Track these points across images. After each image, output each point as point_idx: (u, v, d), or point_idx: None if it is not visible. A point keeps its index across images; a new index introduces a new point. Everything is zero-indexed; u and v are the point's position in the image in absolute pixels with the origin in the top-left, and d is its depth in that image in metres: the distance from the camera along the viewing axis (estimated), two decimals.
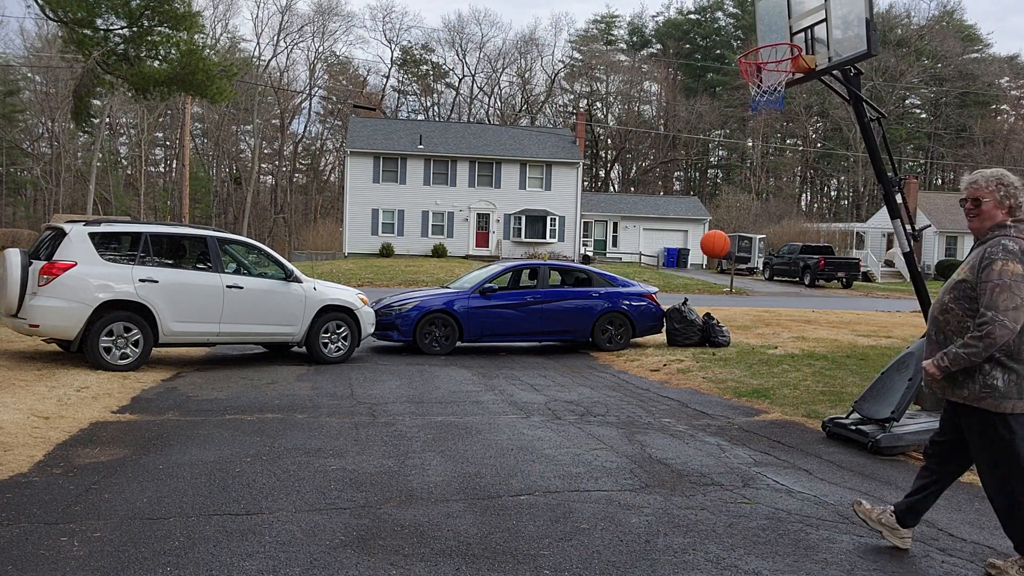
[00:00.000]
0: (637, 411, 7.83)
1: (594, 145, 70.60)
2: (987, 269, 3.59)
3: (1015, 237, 3.65)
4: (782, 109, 7.90)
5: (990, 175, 3.78)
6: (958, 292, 3.73)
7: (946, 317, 3.77)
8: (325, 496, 4.72)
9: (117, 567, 3.59)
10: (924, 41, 69.91)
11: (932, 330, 3.87)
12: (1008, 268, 3.54)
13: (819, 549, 4.13)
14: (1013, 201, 3.74)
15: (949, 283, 3.82)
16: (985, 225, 3.76)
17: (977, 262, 3.66)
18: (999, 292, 3.52)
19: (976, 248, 3.79)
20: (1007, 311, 3.50)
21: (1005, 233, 3.68)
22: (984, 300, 3.56)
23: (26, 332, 8.90)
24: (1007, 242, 3.63)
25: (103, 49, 18.64)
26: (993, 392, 3.62)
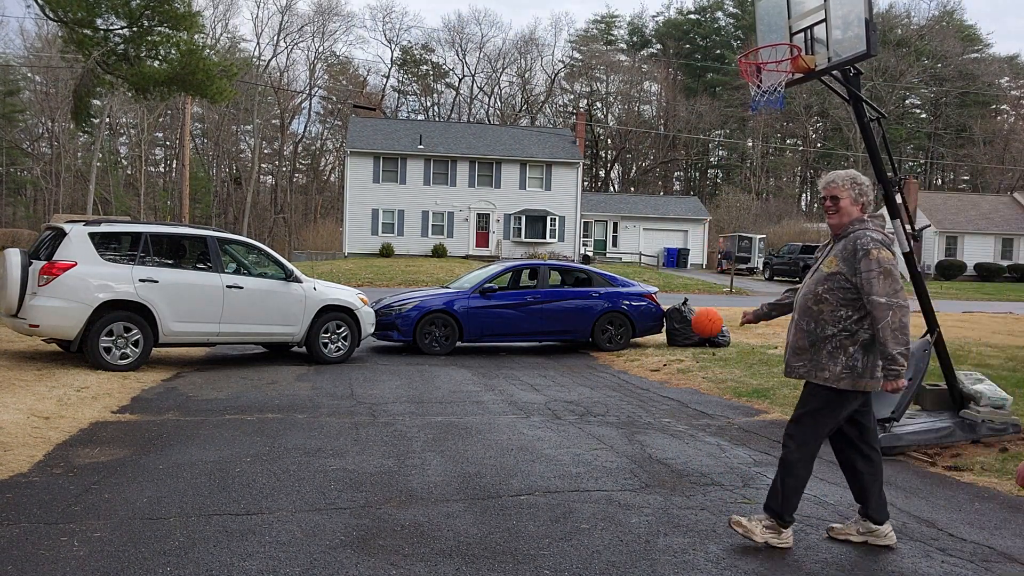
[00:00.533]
0: (637, 411, 7.83)
1: (594, 145, 70.60)
2: (864, 259, 3.84)
3: (875, 229, 3.97)
4: (782, 109, 7.90)
5: (845, 175, 4.07)
6: (833, 283, 3.95)
7: (820, 307, 3.99)
8: (325, 496, 4.72)
9: (117, 567, 3.59)
10: (924, 41, 69.91)
11: (803, 320, 4.06)
12: (883, 255, 3.84)
13: (819, 549, 4.13)
14: (866, 199, 4.07)
15: (819, 275, 4.04)
16: (844, 221, 4.04)
17: (849, 254, 3.91)
18: (884, 278, 3.80)
19: (837, 242, 4.05)
20: (896, 293, 3.80)
21: (866, 226, 3.98)
22: (873, 288, 3.81)
23: (26, 332, 8.90)
24: (872, 233, 3.93)
25: (103, 49, 18.64)
26: (852, 372, 3.93)
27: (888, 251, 3.88)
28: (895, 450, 6.20)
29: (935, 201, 48.10)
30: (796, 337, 4.12)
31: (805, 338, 4.05)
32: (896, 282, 3.83)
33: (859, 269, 3.85)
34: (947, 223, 45.67)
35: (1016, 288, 39.20)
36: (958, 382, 6.79)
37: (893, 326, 3.78)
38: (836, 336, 3.95)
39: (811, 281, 4.10)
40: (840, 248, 3.99)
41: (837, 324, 3.95)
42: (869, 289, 3.82)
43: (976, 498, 5.13)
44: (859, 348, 3.93)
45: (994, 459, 6.01)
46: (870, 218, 4.04)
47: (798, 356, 4.10)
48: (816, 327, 4.01)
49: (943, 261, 44.83)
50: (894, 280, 3.83)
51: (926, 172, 71.39)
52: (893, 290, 3.80)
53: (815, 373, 4.00)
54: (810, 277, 4.14)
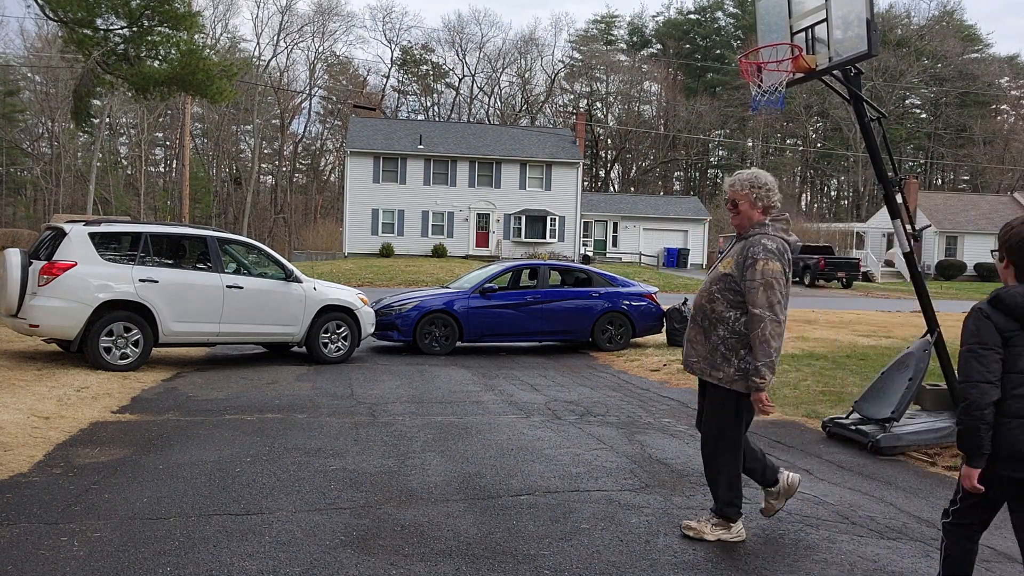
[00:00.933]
0: (637, 411, 7.83)
1: (594, 145, 70.59)
2: (751, 268, 3.84)
3: (773, 236, 3.94)
4: (782, 109, 7.90)
5: (744, 178, 4.04)
6: (723, 284, 3.97)
7: (713, 306, 4.00)
8: (325, 496, 4.72)
9: (117, 567, 3.59)
10: (924, 41, 69.90)
11: (699, 317, 4.09)
12: (769, 267, 3.83)
13: (819, 549, 4.13)
14: (766, 201, 4.02)
15: (716, 274, 4.05)
16: (744, 223, 4.04)
17: (741, 260, 3.91)
18: (763, 290, 3.81)
19: (738, 243, 4.05)
20: (774, 306, 3.80)
21: (764, 232, 3.95)
22: (753, 299, 3.82)
23: (26, 332, 8.90)
24: (767, 241, 3.90)
25: (103, 49, 18.63)
26: (744, 376, 3.90)
27: (778, 263, 3.86)
28: (895, 450, 6.21)
29: (935, 201, 48.11)
30: (693, 333, 4.13)
31: (700, 335, 4.06)
32: (776, 295, 3.82)
33: (745, 277, 3.86)
34: (947, 223, 45.67)
35: None
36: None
37: (761, 338, 3.79)
38: (727, 338, 3.94)
39: (708, 279, 4.12)
40: (738, 250, 3.99)
41: (727, 325, 3.95)
42: (751, 298, 3.84)
43: None
44: (749, 351, 3.91)
45: None
46: (772, 221, 4.02)
47: (695, 352, 4.10)
48: (709, 325, 4.02)
49: (943, 261, 44.83)
50: (775, 293, 3.81)
51: (926, 172, 71.38)
52: (770, 303, 3.79)
53: (710, 372, 4.01)
54: (709, 275, 4.14)
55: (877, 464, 5.96)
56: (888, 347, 12.34)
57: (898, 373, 6.54)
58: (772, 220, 4.03)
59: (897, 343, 12.83)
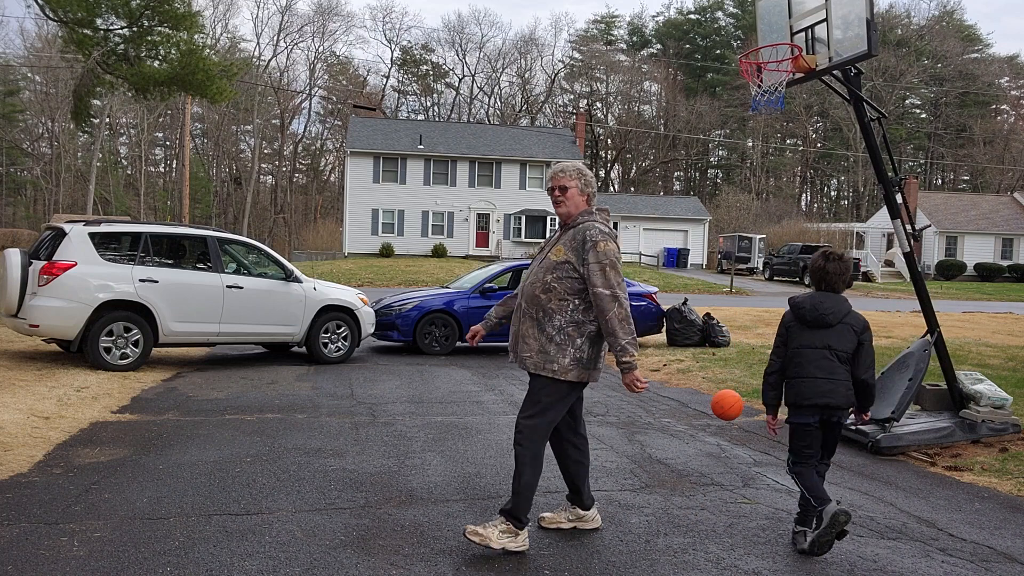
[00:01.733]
0: (637, 411, 7.83)
1: (594, 145, 70.59)
2: (592, 251, 3.84)
3: (602, 222, 4.02)
4: (782, 109, 7.89)
5: (572, 166, 4.09)
6: (561, 272, 3.90)
7: (548, 296, 3.92)
8: (325, 496, 4.72)
9: (117, 567, 3.59)
10: (924, 41, 69.92)
11: (532, 309, 3.97)
12: (610, 247, 3.87)
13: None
14: (591, 190, 4.10)
15: (547, 263, 3.97)
16: (572, 211, 4.04)
17: (578, 244, 3.90)
18: (608, 270, 3.82)
19: (566, 232, 4.03)
20: (619, 285, 3.83)
21: (593, 219, 4.00)
22: (595, 280, 3.81)
23: (26, 332, 8.90)
24: (600, 225, 3.96)
25: (103, 49, 18.61)
26: (579, 364, 3.90)
27: (614, 244, 3.90)
28: (895, 450, 6.21)
29: (935, 201, 48.09)
30: (524, 327, 4.01)
31: (534, 327, 3.96)
32: (618, 276, 3.85)
33: (587, 260, 3.84)
34: (947, 223, 45.66)
35: (1016, 288, 39.20)
36: (958, 382, 6.79)
37: (620, 316, 3.78)
38: (564, 327, 3.89)
39: (539, 269, 4.01)
40: (569, 237, 3.95)
41: (565, 314, 3.89)
42: (595, 281, 3.80)
43: (976, 498, 5.13)
44: (586, 340, 3.90)
45: (994, 459, 6.01)
46: (598, 211, 4.10)
47: (527, 347, 3.97)
48: (544, 316, 3.93)
49: (943, 261, 44.82)
50: (618, 273, 3.85)
51: (926, 172, 71.39)
52: (617, 282, 3.82)
53: (544, 365, 3.90)
54: (538, 265, 4.05)
55: (877, 464, 5.95)
56: (888, 347, 12.34)
57: (898, 373, 6.54)
58: (598, 210, 4.12)
59: (897, 343, 12.83)
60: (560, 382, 3.89)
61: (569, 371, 3.88)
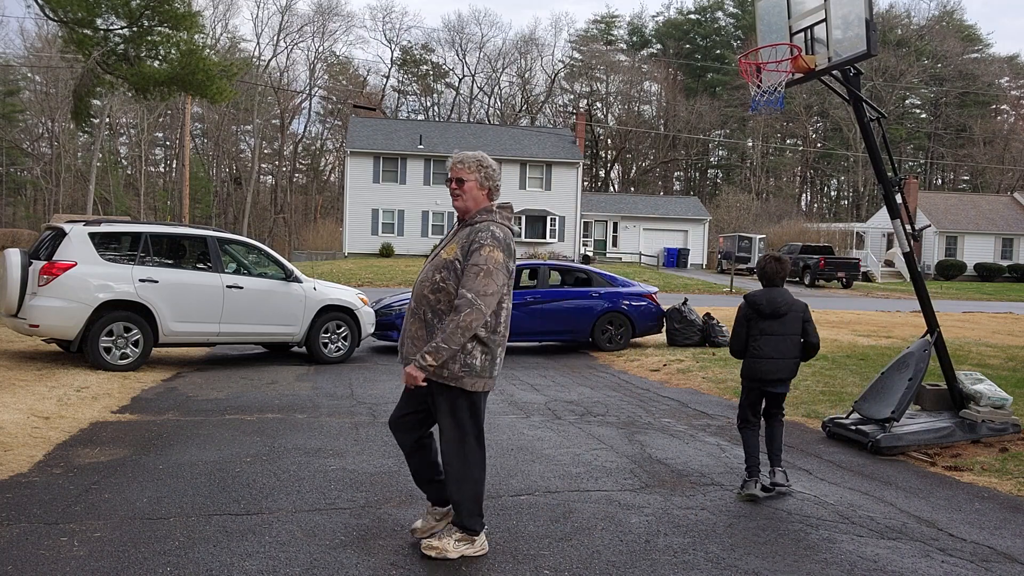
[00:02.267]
0: (637, 411, 7.83)
1: (594, 145, 70.59)
2: (475, 253, 3.61)
3: (500, 224, 3.75)
4: (782, 109, 7.89)
5: (471, 156, 3.82)
6: (449, 271, 3.69)
7: (437, 296, 3.70)
8: (325, 496, 4.72)
9: (117, 567, 3.59)
10: (924, 41, 69.93)
11: (421, 309, 3.76)
12: (493, 255, 3.61)
13: (819, 549, 4.13)
14: (492, 184, 3.83)
15: (439, 261, 3.75)
16: (470, 206, 3.80)
17: (467, 244, 3.67)
18: (482, 277, 3.57)
19: (463, 228, 3.80)
20: (485, 296, 3.56)
21: (492, 219, 3.75)
22: (466, 282, 3.58)
23: (26, 332, 8.90)
24: (495, 228, 3.70)
25: (103, 49, 18.60)
26: (471, 371, 3.68)
27: (502, 253, 3.64)
28: (895, 450, 6.21)
29: (935, 201, 48.09)
30: (414, 328, 3.77)
31: (423, 329, 3.72)
32: (492, 286, 3.59)
33: (469, 260, 3.62)
34: (947, 223, 45.66)
35: (1016, 288, 39.21)
36: (958, 382, 6.79)
37: (463, 324, 3.54)
38: None
39: (430, 267, 3.79)
40: (464, 235, 3.73)
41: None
42: (464, 282, 3.59)
43: (976, 498, 5.13)
44: (477, 345, 3.67)
45: (994, 459, 6.02)
46: (499, 209, 3.83)
47: (415, 349, 3.74)
48: (434, 317, 3.70)
49: (943, 261, 44.82)
50: (492, 282, 3.59)
51: (926, 172, 71.39)
52: (484, 292, 3.56)
53: (434, 369, 3.65)
54: (429, 263, 3.84)
55: (877, 464, 5.96)
56: (888, 347, 12.34)
57: (898, 373, 6.54)
58: (499, 207, 3.83)
59: (897, 343, 12.83)
60: (453, 389, 3.71)
61: (460, 377, 3.67)
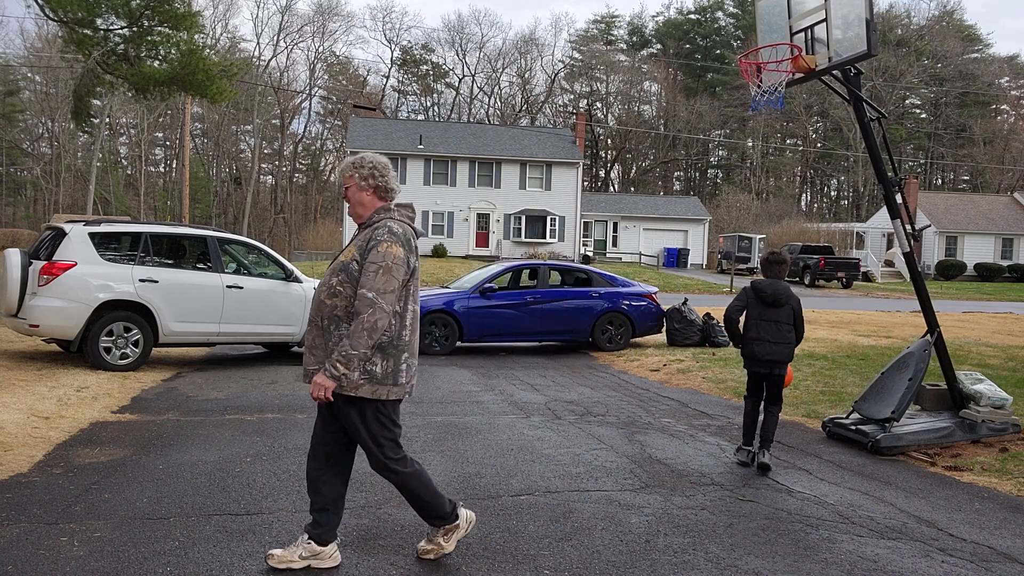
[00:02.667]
0: (637, 411, 7.83)
1: (594, 145, 70.59)
2: (373, 250, 3.46)
3: (399, 220, 3.62)
4: (782, 109, 7.89)
5: (348, 161, 3.69)
6: (347, 275, 3.52)
7: (334, 301, 3.53)
8: None
9: (117, 567, 3.59)
10: (924, 41, 69.93)
11: (319, 316, 3.57)
12: (392, 251, 3.46)
13: (819, 549, 4.13)
14: (377, 182, 3.65)
15: (336, 265, 3.60)
16: (360, 211, 3.66)
17: (365, 243, 3.53)
18: (381, 274, 3.41)
19: (362, 231, 3.65)
20: (385, 293, 3.40)
21: (390, 216, 3.62)
22: (365, 281, 3.41)
23: (26, 332, 8.90)
24: (392, 224, 3.56)
25: (103, 49, 18.61)
26: (371, 379, 3.49)
27: (401, 249, 3.48)
28: (895, 450, 6.21)
29: (935, 201, 48.10)
30: (312, 336, 3.59)
31: (321, 337, 3.54)
32: (392, 283, 3.43)
33: (366, 258, 3.46)
34: (947, 223, 45.66)
35: (1016, 288, 39.21)
36: (958, 382, 6.79)
37: (367, 325, 3.36)
38: None
39: (328, 272, 3.64)
40: (363, 237, 3.59)
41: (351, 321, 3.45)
42: (363, 280, 3.41)
43: (976, 498, 5.13)
44: (377, 351, 3.49)
45: (994, 459, 6.02)
46: (398, 207, 3.67)
47: (314, 358, 3.55)
48: (330, 324, 3.51)
49: (943, 261, 44.82)
50: (391, 279, 3.42)
51: (926, 172, 71.39)
52: (384, 289, 3.40)
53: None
54: (329, 267, 3.66)
55: (877, 464, 5.96)
56: (888, 347, 12.34)
57: (898, 373, 6.54)
58: (398, 206, 3.68)
59: (897, 343, 12.83)
60: (352, 398, 3.49)
61: (360, 386, 3.47)
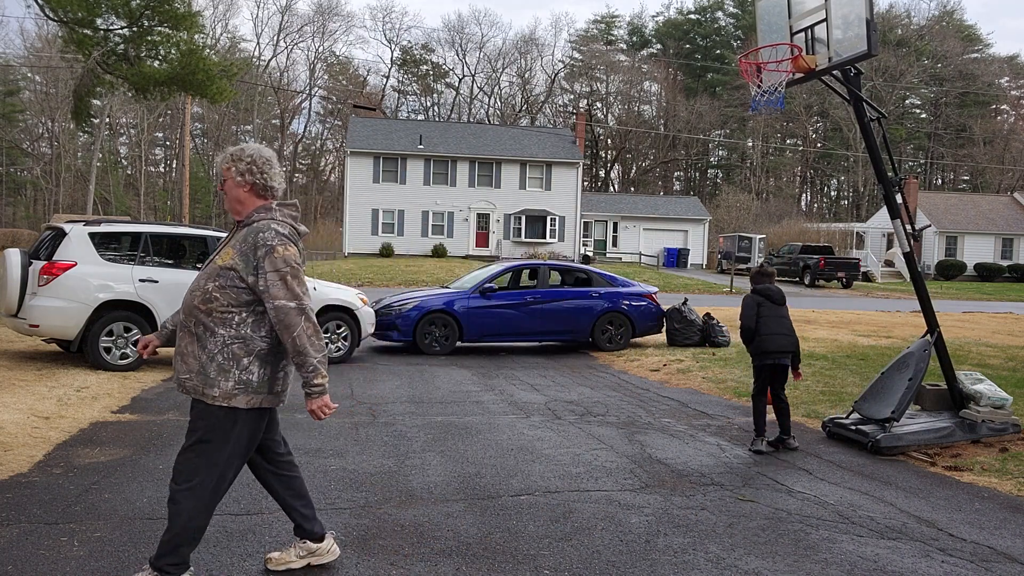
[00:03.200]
0: (637, 411, 7.83)
1: (594, 145, 70.60)
2: (268, 258, 3.23)
3: (282, 221, 3.38)
4: (782, 109, 7.90)
5: (230, 152, 3.45)
6: (225, 280, 3.28)
7: (209, 307, 3.29)
8: (325, 496, 4.72)
9: (117, 567, 3.59)
10: (924, 41, 69.95)
11: (191, 321, 3.34)
12: (289, 253, 3.27)
13: (819, 549, 4.13)
14: (257, 179, 3.41)
15: (211, 269, 3.35)
16: (237, 207, 3.44)
17: (249, 248, 3.27)
18: (290, 279, 3.23)
19: (239, 231, 3.42)
20: (303, 297, 3.26)
21: (271, 216, 3.37)
22: (279, 292, 3.21)
23: (26, 332, 8.90)
24: (277, 226, 3.32)
25: (103, 49, 18.61)
26: (246, 388, 3.31)
27: (294, 247, 3.32)
28: (895, 450, 6.21)
29: (935, 201, 48.10)
30: (184, 343, 3.36)
31: (193, 344, 3.32)
32: (303, 284, 3.29)
33: (262, 268, 3.23)
34: (947, 223, 45.66)
35: (1016, 288, 39.21)
36: (958, 382, 6.79)
37: (309, 332, 3.23)
38: (229, 344, 3.27)
39: (202, 275, 3.39)
40: (240, 239, 3.34)
41: (229, 328, 3.27)
42: (276, 292, 3.21)
43: (976, 498, 5.13)
44: (255, 359, 3.30)
45: (994, 459, 6.02)
46: (280, 206, 3.42)
47: (186, 366, 3.33)
48: (205, 331, 3.30)
49: (943, 261, 44.82)
50: (301, 282, 3.28)
51: (926, 172, 71.41)
52: (300, 293, 3.25)
53: (203, 390, 3.28)
54: (202, 271, 3.43)
55: (877, 464, 5.96)
56: (888, 347, 12.34)
57: (898, 373, 6.54)
58: (280, 204, 3.43)
59: (897, 343, 12.83)
60: (222, 409, 3.29)
61: (234, 396, 3.28)
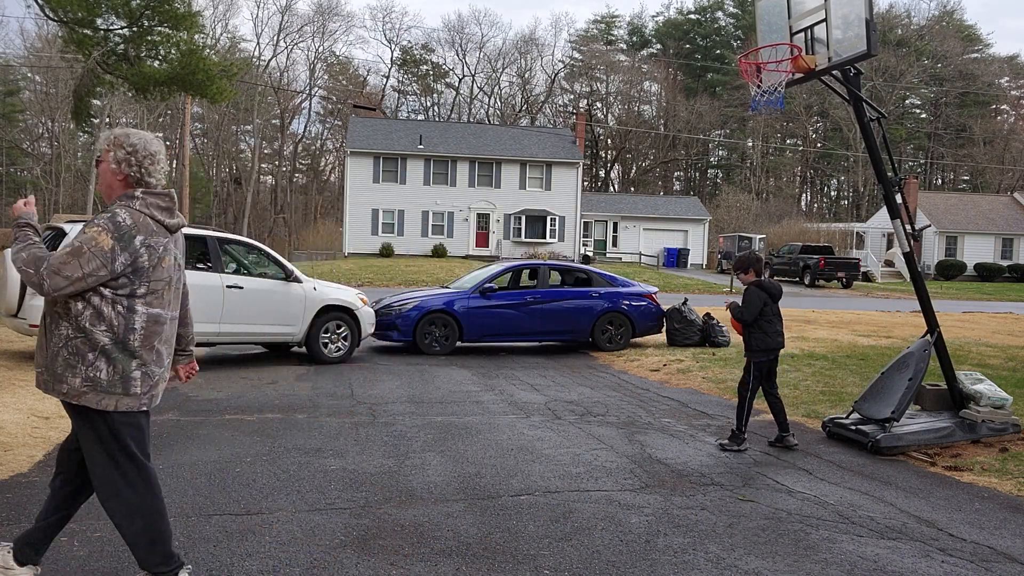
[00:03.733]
0: (637, 411, 7.83)
1: (594, 145, 70.60)
2: (80, 232, 3.02)
3: (137, 210, 3.09)
4: (782, 109, 7.91)
5: (114, 133, 3.19)
6: None
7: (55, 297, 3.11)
8: (325, 496, 4.72)
9: (117, 567, 3.59)
10: (924, 41, 69.95)
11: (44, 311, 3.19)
12: (97, 237, 2.98)
13: (819, 549, 4.13)
14: (135, 170, 3.14)
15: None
16: (106, 193, 3.19)
17: None
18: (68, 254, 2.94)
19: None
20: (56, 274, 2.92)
21: (127, 204, 3.10)
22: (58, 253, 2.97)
23: (26, 332, 8.90)
24: (120, 211, 3.06)
25: (103, 49, 18.62)
26: (96, 386, 3.07)
27: (110, 239, 2.98)
28: (895, 450, 6.21)
29: (935, 201, 48.10)
30: (39, 336, 3.20)
31: (43, 336, 3.15)
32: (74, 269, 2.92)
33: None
34: (947, 223, 45.67)
35: (1016, 288, 39.21)
36: (958, 382, 6.79)
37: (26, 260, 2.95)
38: (72, 338, 3.05)
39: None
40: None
41: (72, 321, 3.05)
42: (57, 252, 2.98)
43: (976, 498, 5.13)
44: (100, 355, 3.06)
45: (994, 459, 6.02)
46: (145, 195, 3.13)
47: (40, 359, 3.16)
48: (52, 323, 3.11)
49: (943, 261, 44.83)
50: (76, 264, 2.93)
51: (926, 172, 71.41)
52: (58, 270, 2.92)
53: (54, 385, 3.08)
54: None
55: (877, 464, 5.96)
56: (888, 347, 12.34)
57: (898, 373, 6.54)
58: (146, 193, 3.14)
59: (897, 343, 12.83)
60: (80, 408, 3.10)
61: (83, 394, 3.06)
